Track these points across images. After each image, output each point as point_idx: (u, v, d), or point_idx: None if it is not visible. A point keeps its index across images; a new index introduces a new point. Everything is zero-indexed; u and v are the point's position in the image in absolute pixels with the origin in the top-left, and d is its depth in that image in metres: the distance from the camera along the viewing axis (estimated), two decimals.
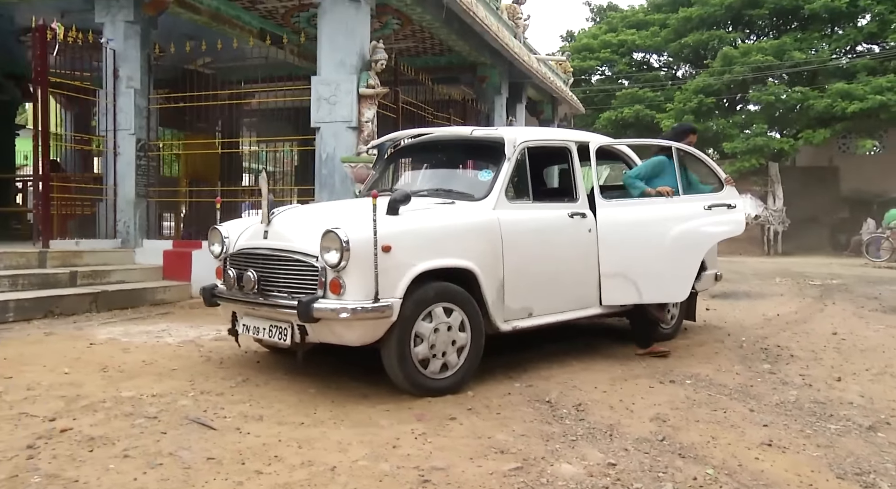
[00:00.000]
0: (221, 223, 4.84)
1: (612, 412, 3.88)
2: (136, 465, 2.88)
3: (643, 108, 25.98)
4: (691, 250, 5.05)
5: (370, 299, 3.71)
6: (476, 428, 3.54)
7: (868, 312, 7.86)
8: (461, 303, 4.11)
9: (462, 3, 9.07)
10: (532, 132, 5.05)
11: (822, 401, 4.20)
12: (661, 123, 24.10)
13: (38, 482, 2.70)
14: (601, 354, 5.29)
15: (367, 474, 2.89)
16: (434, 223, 4.14)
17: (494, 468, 3.03)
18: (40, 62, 7.50)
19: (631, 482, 2.94)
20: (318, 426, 3.45)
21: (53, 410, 3.53)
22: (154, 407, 3.62)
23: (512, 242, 4.41)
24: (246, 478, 2.79)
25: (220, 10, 9.84)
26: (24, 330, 5.77)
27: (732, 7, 25.02)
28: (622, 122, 26.26)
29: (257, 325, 4.20)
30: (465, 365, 4.16)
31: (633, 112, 25.97)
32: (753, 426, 3.71)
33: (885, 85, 21.94)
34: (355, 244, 3.69)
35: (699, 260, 5.06)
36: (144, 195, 8.68)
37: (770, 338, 6.06)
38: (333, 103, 7.71)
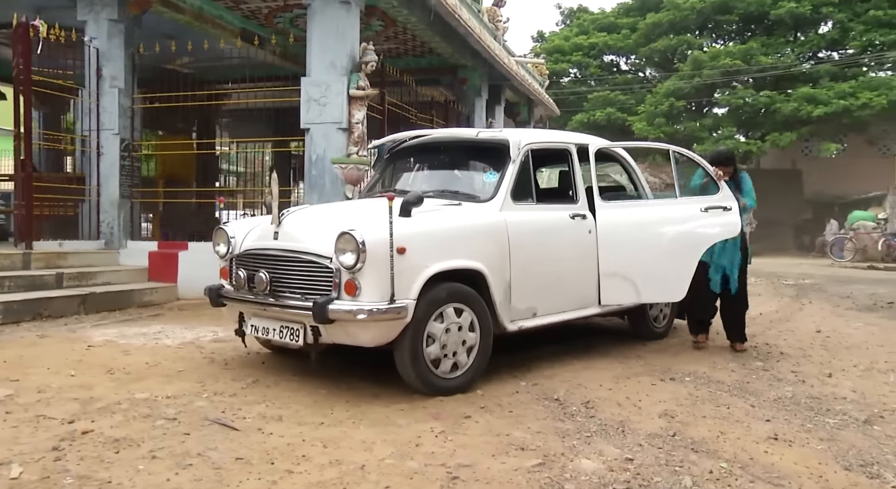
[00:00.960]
0: (226, 223, 4.81)
1: (620, 409, 3.97)
2: (166, 466, 2.88)
3: (615, 110, 26.33)
4: (689, 251, 5.17)
5: (386, 300, 3.75)
6: (492, 426, 3.60)
7: (844, 311, 8.12)
8: (471, 304, 4.17)
9: (448, 6, 9.13)
10: (535, 134, 5.13)
11: (816, 397, 4.36)
12: (634, 126, 24.46)
13: (70, 483, 2.70)
14: (599, 353, 5.39)
15: (397, 472, 2.93)
16: (446, 224, 4.20)
17: (517, 464, 3.09)
18: (23, 61, 7.37)
19: (651, 476, 3.03)
20: (338, 426, 3.48)
21: (70, 412, 3.50)
22: (171, 408, 3.62)
23: (518, 243, 4.48)
24: (278, 477, 2.82)
25: (203, 9, 9.75)
26: (15, 332, 5.67)
27: (703, 12, 25.50)
28: (594, 124, 26.56)
29: (266, 326, 4.20)
30: (475, 364, 4.22)
31: (604, 115, 26.31)
32: (757, 421, 3.83)
33: (847, 90, 22.59)
34: (371, 246, 3.72)
35: (696, 260, 5.18)
36: (128, 196, 8.57)
37: (758, 336, 6.22)
38: (323, 104, 7.71)
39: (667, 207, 5.36)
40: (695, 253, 5.16)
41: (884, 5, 24.15)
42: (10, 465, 2.84)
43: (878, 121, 23.90)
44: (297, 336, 4.01)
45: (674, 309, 6.11)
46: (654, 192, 6.14)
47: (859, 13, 24.52)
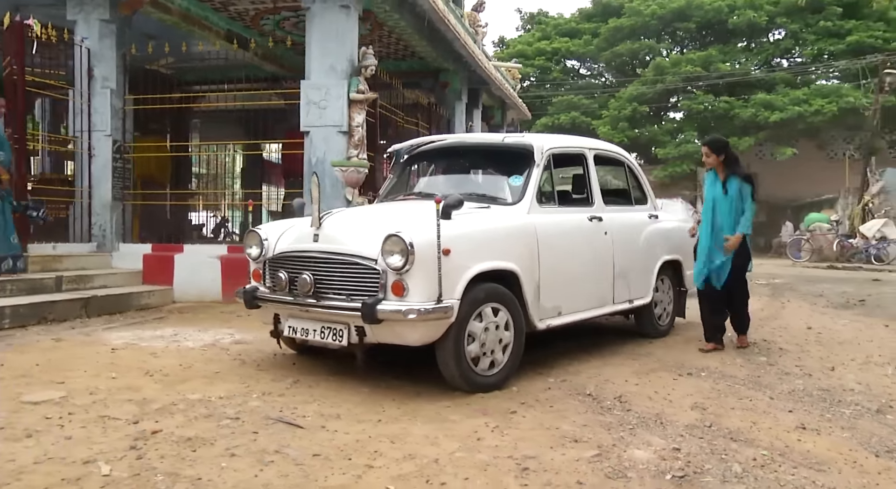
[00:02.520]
0: (259, 226, 4.86)
1: (652, 402, 4.17)
2: (248, 463, 2.96)
3: (579, 114, 26.83)
4: (654, 253, 5.90)
5: (433, 300, 3.88)
6: (539, 420, 3.76)
7: (823, 308, 8.52)
8: (506, 304, 4.33)
9: (439, 11, 9.27)
10: (555, 139, 5.31)
11: (826, 389, 4.62)
12: (598, 130, 24.97)
13: (161, 480, 2.76)
14: (610, 351, 5.60)
15: (469, 464, 3.06)
16: (484, 227, 4.34)
17: (577, 455, 3.25)
18: (17, 60, 7.25)
19: (701, 464, 3.22)
20: (396, 422, 3.59)
21: (131, 413, 3.54)
22: (229, 408, 3.67)
23: (545, 244, 4.65)
24: (360, 471, 2.92)
25: (189, 10, 9.69)
26: (27, 336, 5.61)
27: (664, 18, 26.18)
28: (559, 127, 27.01)
29: (306, 327, 4.28)
30: (509, 362, 4.38)
31: (569, 118, 26.79)
32: (780, 412, 4.07)
33: (801, 97, 23.50)
34: (419, 247, 3.84)
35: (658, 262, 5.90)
36: (120, 198, 8.48)
37: (753, 333, 6.47)
38: (323, 108, 7.77)
39: (637, 213, 5.88)
40: (658, 255, 5.86)
41: (833, 17, 25.19)
42: (96, 463, 2.88)
43: (827, 126, 24.91)
44: (340, 336, 4.10)
45: (675, 307, 6.36)
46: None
47: (811, 23, 25.52)
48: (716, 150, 5.54)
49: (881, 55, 23.00)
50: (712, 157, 5.55)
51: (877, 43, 24.35)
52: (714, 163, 5.58)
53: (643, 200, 6.07)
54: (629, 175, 5.99)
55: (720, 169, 5.57)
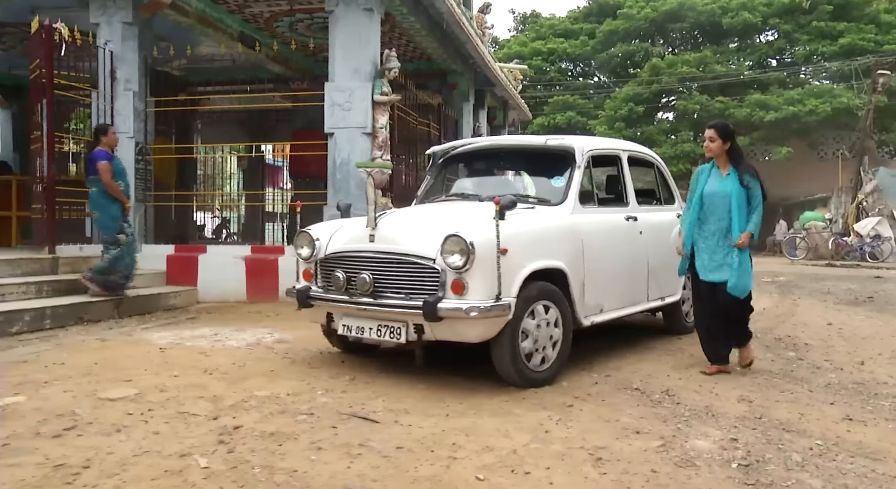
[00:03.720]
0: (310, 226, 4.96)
1: (699, 396, 4.31)
2: (336, 456, 3.07)
3: (575, 114, 27.05)
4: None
5: (492, 298, 4.00)
6: (597, 413, 3.89)
7: (834, 305, 8.73)
8: (556, 301, 4.46)
9: (455, 14, 9.40)
10: (593, 141, 5.45)
11: (860, 382, 4.79)
12: (595, 129, 25.19)
13: (258, 473, 2.86)
14: (643, 347, 5.74)
15: (546, 455, 3.19)
16: (536, 226, 4.47)
17: (643, 445, 3.39)
18: (46, 64, 7.30)
19: (762, 453, 3.36)
20: (463, 417, 3.71)
21: (207, 410, 3.64)
22: (300, 404, 3.78)
23: (589, 244, 4.79)
24: (446, 463, 3.04)
25: (205, 12, 9.75)
26: (70, 336, 5.69)
27: (656, 21, 26.45)
28: (555, 127, 27.23)
29: (361, 325, 4.39)
30: (559, 358, 4.51)
31: (565, 118, 27.01)
32: (823, 404, 4.22)
33: (795, 97, 23.83)
34: (479, 247, 3.96)
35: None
36: (143, 200, 8.54)
37: (775, 329, 6.70)
38: (348, 109, 7.87)
39: (669, 212, 5.86)
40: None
41: (825, 17, 25.57)
42: (192, 457, 2.99)
43: (819, 126, 25.29)
44: (398, 334, 4.21)
45: None
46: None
47: (803, 24, 25.89)
48: (722, 134, 4.81)
49: (873, 57, 23.38)
50: (717, 142, 4.80)
51: (868, 45, 24.76)
52: (717, 150, 4.82)
53: (671, 200, 6.22)
54: (658, 175, 6.14)
55: (723, 160, 4.85)
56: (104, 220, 6.75)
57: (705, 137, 4.91)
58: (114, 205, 6.72)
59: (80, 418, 3.44)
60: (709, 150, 4.90)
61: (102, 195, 6.68)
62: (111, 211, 6.72)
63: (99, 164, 6.58)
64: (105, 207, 6.72)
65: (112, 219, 6.73)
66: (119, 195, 6.73)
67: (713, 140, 4.84)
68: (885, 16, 26.09)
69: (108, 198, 6.68)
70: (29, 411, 3.52)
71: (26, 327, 5.74)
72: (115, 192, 6.68)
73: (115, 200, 6.72)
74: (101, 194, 6.68)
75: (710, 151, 4.89)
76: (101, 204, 6.72)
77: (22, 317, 5.73)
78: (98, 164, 6.58)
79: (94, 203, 6.77)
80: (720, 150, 4.84)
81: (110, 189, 6.64)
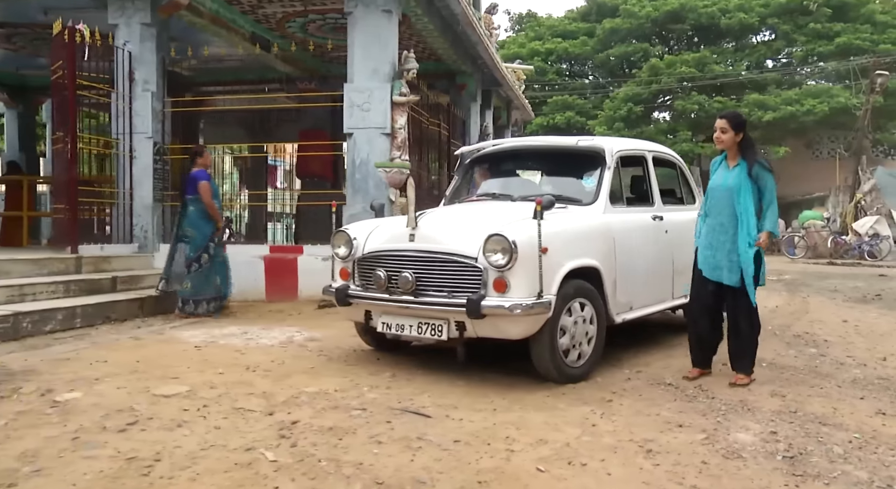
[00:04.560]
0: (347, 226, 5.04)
1: (732, 391, 4.41)
2: (398, 449, 3.16)
3: (574, 114, 27.19)
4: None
5: (534, 296, 4.09)
6: (636, 407, 3.99)
7: (843, 302, 8.86)
8: (591, 299, 4.56)
9: (468, 16, 9.49)
10: (621, 142, 5.55)
11: (885, 378, 4.90)
12: (594, 129, 25.33)
13: (325, 465, 2.95)
14: (666, 345, 5.83)
15: (598, 447, 3.29)
16: (572, 226, 4.57)
17: (688, 438, 3.49)
18: (69, 65, 7.36)
19: (803, 445, 3.46)
20: (509, 411, 3.80)
21: (261, 406, 3.71)
22: (352, 400, 3.86)
23: (620, 242, 4.89)
24: (505, 455, 3.13)
25: (219, 13, 9.80)
26: (102, 335, 5.76)
27: (657, 20, 26.62)
28: (554, 127, 27.35)
29: (401, 323, 4.47)
30: (593, 355, 4.61)
31: (564, 118, 27.14)
32: (853, 399, 4.32)
33: (793, 97, 24.05)
34: (522, 246, 4.05)
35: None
36: (161, 199, 8.59)
37: (792, 326, 6.81)
38: (367, 110, 7.95)
39: (691, 211, 5.84)
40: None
41: (822, 19, 25.81)
42: (257, 450, 3.07)
43: (816, 126, 25.50)
44: (439, 331, 4.30)
45: None
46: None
47: (801, 25, 26.11)
48: (735, 125, 4.49)
49: (870, 57, 23.61)
50: (729, 133, 4.48)
51: (864, 44, 24.98)
52: (729, 142, 4.51)
53: (692, 200, 6.32)
54: (680, 175, 6.24)
55: (733, 151, 4.55)
56: (198, 238, 6.97)
57: (716, 128, 4.56)
58: (209, 224, 6.97)
59: (139, 414, 3.51)
60: (719, 141, 4.55)
61: (200, 214, 6.93)
62: (205, 230, 6.98)
63: (199, 184, 6.86)
64: (201, 226, 6.96)
65: (204, 237, 6.97)
66: (217, 215, 7.01)
67: (725, 131, 4.50)
68: (880, 16, 26.35)
69: (204, 217, 6.94)
70: (88, 407, 3.60)
71: (59, 326, 5.80)
72: (213, 211, 6.95)
73: (210, 220, 6.97)
74: (198, 213, 6.93)
75: (721, 143, 4.55)
76: (197, 223, 6.95)
77: (55, 316, 5.79)
78: (199, 184, 6.86)
79: (190, 221, 6.98)
80: (731, 142, 4.51)
81: (210, 209, 6.91)
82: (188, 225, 6.96)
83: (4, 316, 5.32)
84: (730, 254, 4.49)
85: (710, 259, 4.59)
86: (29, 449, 3.03)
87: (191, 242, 6.94)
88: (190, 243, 6.93)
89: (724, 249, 4.51)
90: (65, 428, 3.30)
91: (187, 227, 6.97)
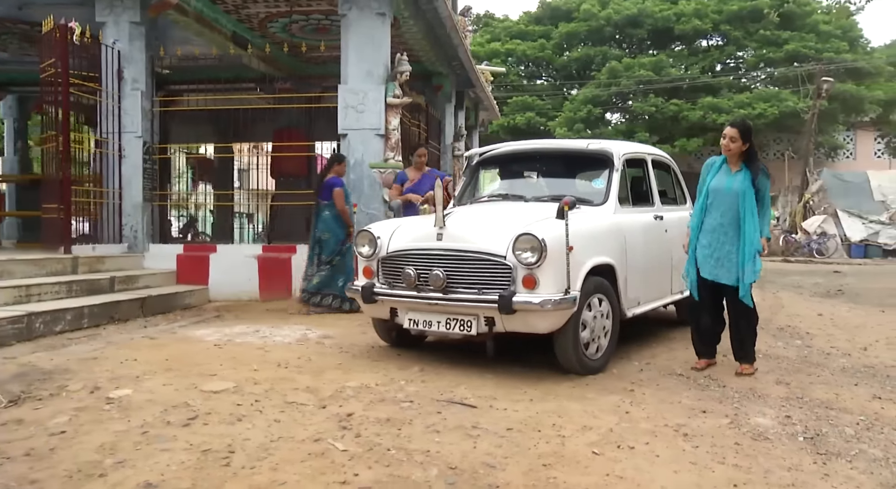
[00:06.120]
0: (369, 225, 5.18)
1: (740, 379, 4.71)
2: (458, 437, 3.33)
3: (534, 115, 27.63)
4: None
5: (562, 292, 4.32)
6: (658, 396, 4.25)
7: (812, 298, 9.37)
8: (607, 294, 4.81)
9: (453, 20, 9.68)
10: (626, 146, 5.82)
11: (870, 366, 5.28)
12: (555, 131, 25.81)
13: (394, 453, 3.10)
14: (666, 339, 6.13)
15: (639, 432, 3.52)
16: (591, 225, 4.81)
17: (715, 423, 3.76)
18: (61, 64, 7.28)
19: (818, 427, 3.77)
20: (545, 401, 4.01)
21: (311, 400, 3.84)
22: (396, 393, 4.01)
23: (629, 241, 5.16)
24: (559, 441, 3.34)
25: (203, 12, 9.77)
26: (113, 335, 5.76)
27: (617, 24, 27.27)
28: (514, 128, 27.74)
29: (428, 319, 4.64)
30: (609, 348, 4.86)
31: (524, 119, 27.55)
32: (850, 386, 4.67)
33: (745, 100, 24.97)
34: (551, 244, 4.27)
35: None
36: (150, 199, 8.55)
37: (773, 320, 7.21)
38: (361, 111, 8.07)
39: (685, 211, 6.18)
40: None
41: (771, 26, 26.86)
42: (325, 441, 3.21)
43: (764, 129, 26.49)
44: (468, 327, 4.49)
45: None
46: None
47: (751, 32, 27.11)
48: (744, 135, 4.66)
49: (816, 64, 24.67)
50: (738, 142, 4.65)
51: (809, 52, 26.09)
52: (737, 151, 4.68)
53: (684, 200, 6.65)
54: (673, 177, 6.56)
55: (736, 159, 4.72)
56: (331, 241, 7.33)
57: (725, 136, 4.68)
58: (342, 229, 7.33)
59: (196, 409, 3.60)
60: (728, 149, 4.69)
61: (335, 219, 7.30)
62: (339, 234, 7.33)
63: (335, 191, 7.26)
64: (335, 230, 7.32)
65: (337, 241, 7.33)
66: (349, 220, 7.35)
67: (734, 140, 4.65)
68: (823, 26, 27.53)
69: (338, 222, 7.31)
70: (143, 403, 3.67)
71: (68, 326, 5.78)
72: (346, 217, 7.33)
73: (343, 224, 7.32)
74: (333, 218, 7.30)
75: (730, 151, 4.69)
76: (331, 227, 7.32)
77: (64, 317, 5.77)
78: (333, 190, 7.26)
79: (325, 225, 7.34)
80: (738, 151, 4.68)
81: (344, 214, 7.29)
82: (324, 228, 7.32)
83: (19, 316, 5.29)
84: (729, 254, 4.71)
85: (708, 259, 4.78)
86: (105, 442, 3.11)
87: (325, 244, 7.30)
88: (325, 245, 7.30)
89: (724, 250, 4.73)
90: (129, 423, 3.37)
91: (323, 231, 7.32)
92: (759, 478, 3.01)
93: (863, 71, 26.54)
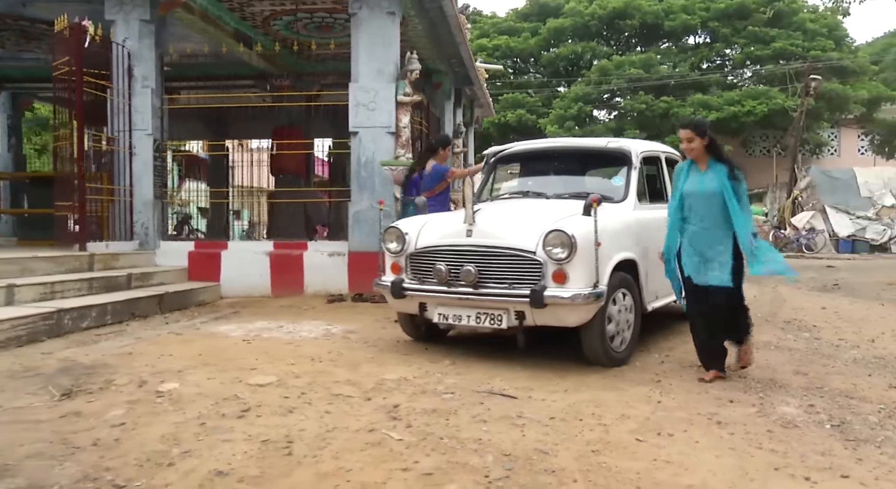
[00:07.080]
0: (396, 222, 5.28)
1: (759, 370, 4.86)
2: (505, 426, 3.45)
3: (525, 112, 27.79)
4: None
5: (590, 287, 4.45)
6: (684, 386, 4.39)
7: (811, 292, 9.58)
8: (630, 289, 4.95)
9: (458, 19, 9.78)
10: (643, 144, 5.96)
11: (880, 357, 5.46)
12: (546, 128, 25.98)
13: (447, 442, 3.22)
14: (678, 331, 6.27)
15: (675, 420, 3.66)
16: (616, 221, 4.94)
17: (744, 411, 3.91)
18: (76, 62, 7.31)
19: (842, 416, 3.92)
20: (579, 392, 4.14)
21: (356, 393, 3.94)
22: (436, 386, 4.13)
23: (648, 237, 5.29)
24: (602, 428, 3.47)
25: (208, 10, 9.80)
26: (139, 331, 5.82)
27: (603, 19, 27.48)
28: (505, 125, 27.89)
29: (458, 314, 4.76)
30: (632, 341, 5.01)
31: (515, 116, 27.70)
32: (864, 376, 4.83)
33: (734, 98, 25.28)
34: (580, 240, 4.40)
35: None
36: (160, 196, 8.59)
37: (778, 314, 7.40)
38: (372, 109, 8.15)
39: None
40: None
41: (759, 24, 27.21)
42: (379, 431, 3.32)
43: (752, 126, 26.89)
44: (498, 321, 4.61)
45: None
46: None
47: (739, 29, 27.44)
48: (700, 132, 4.42)
49: (803, 62, 25.05)
50: (696, 141, 4.41)
51: (797, 50, 26.48)
52: (698, 149, 4.44)
53: None
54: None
55: (702, 157, 4.49)
56: None
57: (682, 138, 4.48)
58: None
59: (247, 402, 3.70)
60: (689, 150, 4.47)
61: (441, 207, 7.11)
62: None
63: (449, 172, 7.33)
64: None
65: None
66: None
67: (691, 140, 4.42)
68: (810, 24, 27.94)
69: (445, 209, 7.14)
70: (194, 396, 3.76)
71: (93, 323, 5.84)
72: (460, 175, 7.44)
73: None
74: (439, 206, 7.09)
75: (692, 152, 4.46)
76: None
77: (90, 313, 5.83)
78: (445, 173, 7.27)
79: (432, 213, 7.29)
80: (701, 149, 4.44)
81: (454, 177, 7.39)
82: None
83: (49, 313, 5.34)
84: (720, 255, 4.44)
85: (698, 265, 4.52)
86: (166, 433, 3.20)
87: None
88: None
89: (714, 251, 4.46)
90: (185, 415, 3.47)
91: None
92: (796, 461, 3.15)
93: (847, 69, 26.97)
